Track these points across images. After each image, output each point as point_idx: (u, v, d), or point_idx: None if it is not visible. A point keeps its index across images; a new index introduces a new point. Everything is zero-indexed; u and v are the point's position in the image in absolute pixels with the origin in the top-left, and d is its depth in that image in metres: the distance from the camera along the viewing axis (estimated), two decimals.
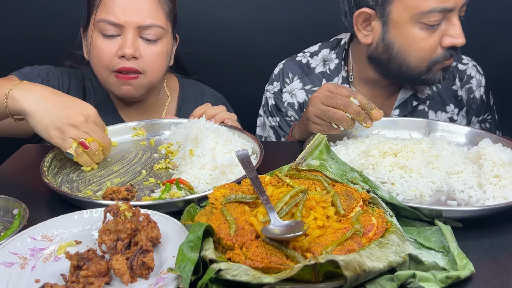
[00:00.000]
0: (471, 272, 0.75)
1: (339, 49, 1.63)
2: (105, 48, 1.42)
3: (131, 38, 1.41)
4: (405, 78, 1.46)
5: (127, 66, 1.42)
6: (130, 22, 1.40)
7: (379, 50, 1.43)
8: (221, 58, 2.15)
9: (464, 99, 1.63)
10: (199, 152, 1.11)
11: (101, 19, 1.41)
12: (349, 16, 1.47)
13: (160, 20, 1.45)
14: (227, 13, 2.11)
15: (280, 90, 1.66)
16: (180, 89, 1.72)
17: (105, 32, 1.41)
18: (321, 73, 1.63)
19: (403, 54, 1.39)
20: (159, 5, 1.45)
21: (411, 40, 1.36)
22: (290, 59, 1.69)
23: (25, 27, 2.06)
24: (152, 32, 1.43)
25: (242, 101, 1.83)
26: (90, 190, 1.08)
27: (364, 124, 1.16)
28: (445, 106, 1.61)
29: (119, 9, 1.40)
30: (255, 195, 0.86)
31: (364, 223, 0.79)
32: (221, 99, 1.76)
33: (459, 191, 1.02)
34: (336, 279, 0.70)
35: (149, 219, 0.80)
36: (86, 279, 0.70)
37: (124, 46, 1.40)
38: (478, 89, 1.64)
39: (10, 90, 1.11)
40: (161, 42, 1.47)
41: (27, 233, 0.83)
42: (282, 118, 1.65)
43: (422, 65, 1.39)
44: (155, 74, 1.48)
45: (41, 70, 1.54)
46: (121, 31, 1.41)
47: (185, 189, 1.01)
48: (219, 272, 0.68)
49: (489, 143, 1.10)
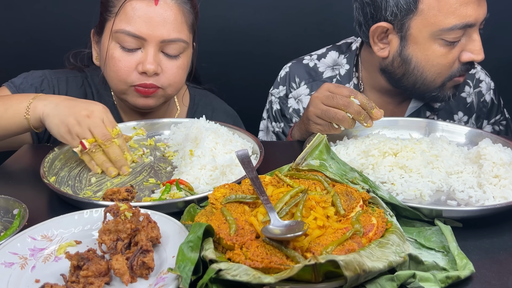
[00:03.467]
0: (471, 272, 0.75)
1: (349, 54, 1.58)
2: (124, 61, 1.32)
3: (153, 53, 1.31)
4: (417, 93, 1.44)
5: (148, 83, 1.33)
6: (153, 36, 1.30)
7: (395, 64, 1.40)
8: (221, 58, 2.15)
9: (475, 103, 1.60)
10: (199, 153, 1.11)
11: (120, 29, 1.30)
12: (364, 28, 1.43)
13: (184, 34, 1.35)
14: (227, 13, 2.11)
15: (286, 95, 1.61)
16: (191, 102, 1.62)
17: (124, 44, 1.32)
18: (329, 78, 1.58)
19: (421, 70, 1.36)
20: (184, 17, 1.35)
21: (431, 56, 1.33)
22: (296, 62, 1.64)
23: (26, 26, 2.06)
24: (175, 47, 1.34)
25: (243, 101, 1.83)
26: (90, 190, 1.08)
27: (365, 124, 1.16)
28: (453, 114, 1.59)
29: (142, 20, 1.29)
30: (255, 195, 0.86)
31: (364, 223, 0.79)
32: (232, 115, 1.66)
33: (459, 191, 1.02)
34: (336, 279, 0.70)
35: (149, 219, 0.80)
36: (86, 279, 0.70)
37: (145, 62, 1.31)
38: (488, 92, 1.62)
39: (31, 103, 1.15)
40: (183, 56, 1.38)
41: (27, 233, 0.83)
42: (287, 124, 1.61)
43: (438, 81, 1.37)
44: (174, 88, 1.41)
45: (35, 79, 1.46)
46: (142, 45, 1.32)
47: (185, 190, 1.01)
48: (219, 272, 0.68)
49: (489, 143, 1.10)
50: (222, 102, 1.69)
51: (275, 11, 2.11)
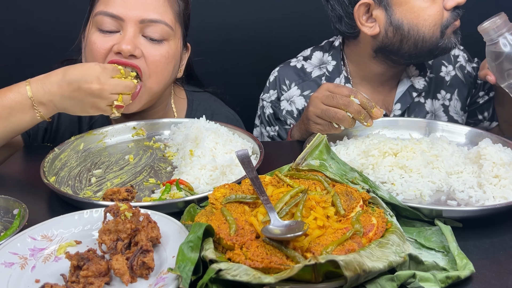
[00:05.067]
0: (471, 272, 0.75)
1: (334, 51, 1.63)
2: (100, 43, 1.26)
3: (131, 33, 1.25)
4: (423, 53, 1.45)
5: (122, 60, 1.24)
6: (131, 15, 1.24)
7: (390, 34, 1.43)
8: (221, 58, 2.15)
9: (461, 77, 1.65)
10: (199, 153, 1.11)
11: (99, 11, 1.27)
12: (346, 18, 1.48)
13: (167, 17, 1.29)
14: (227, 12, 2.11)
15: (277, 98, 1.63)
16: (188, 108, 1.54)
17: (102, 26, 1.26)
18: (318, 77, 1.61)
19: (415, 29, 1.39)
20: (167, 2, 1.31)
21: (419, 12, 1.38)
22: (284, 65, 1.67)
23: (27, 26, 2.06)
24: (156, 30, 1.27)
25: (243, 101, 1.83)
26: (90, 190, 1.08)
27: (365, 123, 1.16)
28: (436, 94, 1.63)
29: (120, 0, 1.25)
30: (255, 195, 0.86)
31: (364, 223, 0.79)
32: (234, 119, 1.58)
33: (459, 191, 1.02)
34: (336, 279, 0.70)
35: (149, 219, 0.80)
36: (86, 279, 0.70)
37: (121, 42, 1.24)
38: (467, 64, 1.67)
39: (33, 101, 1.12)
40: (168, 44, 1.31)
41: (27, 233, 0.83)
42: (282, 126, 1.62)
43: (436, 32, 1.40)
44: (156, 80, 1.30)
45: None
46: (121, 26, 1.26)
47: (185, 190, 1.01)
48: (219, 272, 0.68)
49: (489, 143, 1.10)
50: (222, 105, 1.62)
51: (275, 11, 2.11)
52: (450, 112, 1.63)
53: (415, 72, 1.61)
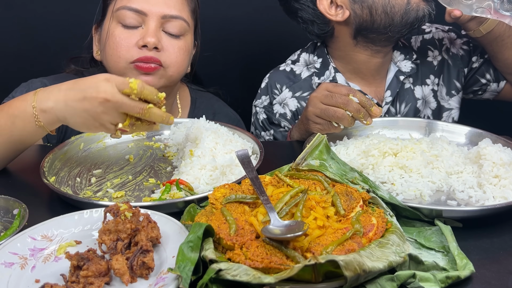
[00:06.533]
0: (471, 272, 0.75)
1: (318, 50, 1.64)
2: (124, 38, 1.33)
3: (154, 27, 1.33)
4: (397, 23, 1.43)
5: (148, 56, 1.32)
6: (154, 10, 1.32)
7: (358, 11, 1.43)
8: (221, 58, 2.14)
9: (449, 59, 1.64)
10: (199, 153, 1.11)
11: (121, 6, 1.33)
12: (316, 19, 1.50)
13: (185, 13, 1.38)
14: (227, 13, 2.11)
15: (270, 103, 1.64)
16: (192, 105, 1.61)
17: (125, 21, 1.33)
18: (309, 77, 1.62)
19: None
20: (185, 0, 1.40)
21: None
22: (274, 71, 1.68)
23: (27, 27, 2.06)
24: (176, 25, 1.36)
25: (242, 102, 1.83)
26: (90, 190, 1.08)
27: (364, 122, 1.17)
28: (425, 79, 1.63)
29: None
30: (255, 195, 0.86)
31: (364, 223, 0.79)
32: (235, 119, 1.65)
33: (459, 191, 1.02)
34: (336, 279, 0.70)
35: (149, 219, 0.80)
36: (86, 279, 0.70)
37: (146, 35, 1.31)
38: (452, 44, 1.66)
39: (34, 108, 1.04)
40: (184, 38, 1.39)
41: (27, 233, 0.83)
42: (276, 129, 1.63)
43: None
44: (176, 69, 1.39)
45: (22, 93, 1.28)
46: (143, 21, 1.34)
47: (185, 190, 1.01)
48: (219, 272, 0.68)
49: (489, 143, 1.10)
50: (224, 105, 1.68)
51: (275, 11, 2.11)
52: (438, 97, 1.63)
53: (400, 56, 1.60)
